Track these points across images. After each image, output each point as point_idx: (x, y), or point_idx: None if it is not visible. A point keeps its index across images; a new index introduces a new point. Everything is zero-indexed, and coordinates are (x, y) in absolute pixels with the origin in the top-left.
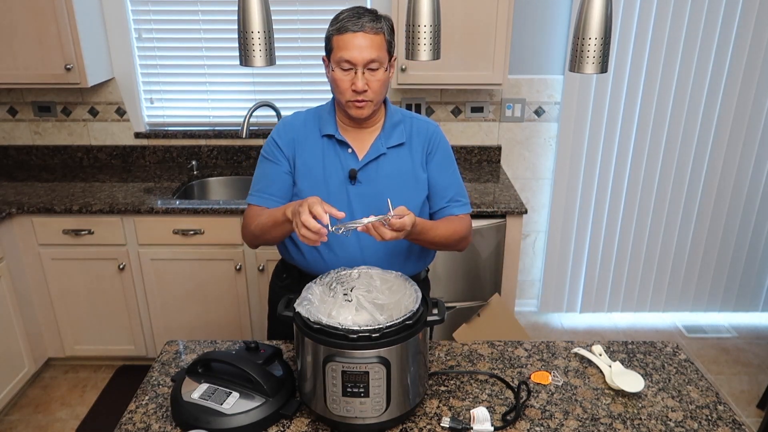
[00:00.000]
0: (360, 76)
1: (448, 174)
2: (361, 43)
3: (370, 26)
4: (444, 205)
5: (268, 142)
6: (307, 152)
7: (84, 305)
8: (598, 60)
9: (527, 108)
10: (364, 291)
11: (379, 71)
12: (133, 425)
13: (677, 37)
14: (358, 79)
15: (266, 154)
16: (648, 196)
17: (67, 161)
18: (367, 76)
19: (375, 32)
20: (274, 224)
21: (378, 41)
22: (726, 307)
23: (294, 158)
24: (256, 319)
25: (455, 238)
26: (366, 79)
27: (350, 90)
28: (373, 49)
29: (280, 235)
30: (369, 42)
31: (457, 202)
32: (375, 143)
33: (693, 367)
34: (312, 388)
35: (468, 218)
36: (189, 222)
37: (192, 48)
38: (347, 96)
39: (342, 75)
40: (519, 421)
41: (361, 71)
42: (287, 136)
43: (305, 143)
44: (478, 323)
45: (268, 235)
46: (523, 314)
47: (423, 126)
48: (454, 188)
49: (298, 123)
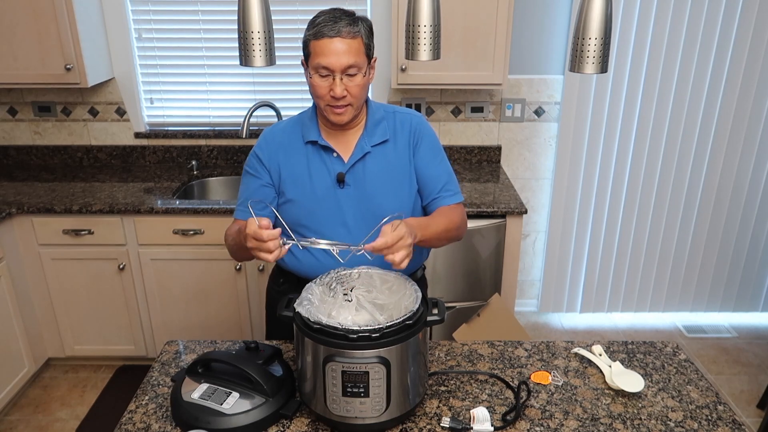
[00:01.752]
0: (338, 83)
1: (435, 164)
2: (338, 48)
3: (347, 30)
4: (435, 196)
5: (250, 156)
6: (292, 161)
7: (84, 305)
8: (598, 60)
9: (527, 108)
10: (364, 291)
11: (357, 76)
12: (133, 425)
13: (677, 37)
14: (336, 85)
15: (248, 168)
16: (648, 195)
17: (67, 161)
18: (345, 81)
19: (352, 36)
20: (240, 247)
21: (356, 45)
22: (726, 307)
23: (279, 169)
24: (256, 319)
25: (452, 229)
26: (344, 84)
27: (329, 96)
28: (351, 54)
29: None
30: (346, 47)
31: (447, 191)
32: (359, 143)
33: (693, 367)
34: (312, 388)
35: (461, 207)
36: (189, 222)
37: (192, 48)
38: (326, 101)
39: (320, 81)
40: (519, 421)
41: (339, 77)
42: (268, 149)
43: (289, 152)
44: (478, 323)
45: (238, 255)
46: (523, 314)
47: (406, 119)
48: (444, 178)
49: (280, 133)
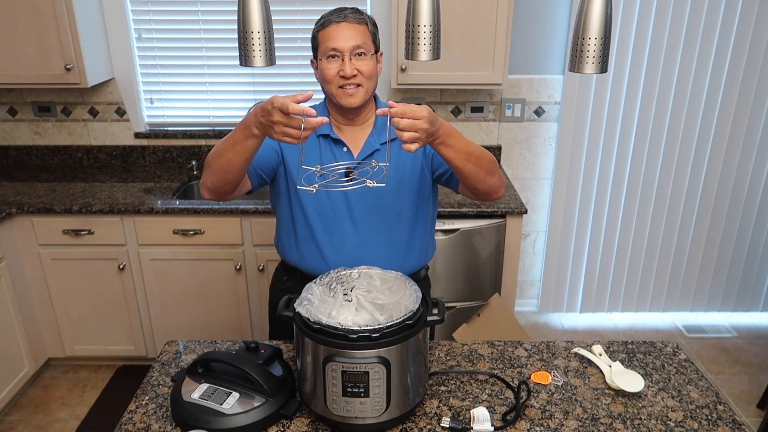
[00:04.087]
0: (348, 62)
1: None
2: (345, 31)
3: (353, 17)
4: None
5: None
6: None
7: (84, 305)
8: (598, 60)
9: (527, 108)
10: (364, 291)
11: (366, 57)
12: (133, 425)
13: (677, 37)
14: (346, 65)
15: None
16: (648, 195)
17: (67, 161)
18: (354, 62)
19: (358, 22)
20: (234, 143)
21: (362, 30)
22: (726, 307)
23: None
24: (256, 320)
25: (485, 160)
26: (354, 64)
27: (338, 77)
28: (358, 36)
29: (236, 157)
30: (353, 30)
31: None
32: (368, 140)
33: (693, 367)
34: (312, 388)
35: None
36: (189, 222)
37: (192, 48)
38: (336, 82)
39: (329, 64)
40: (519, 421)
41: (348, 57)
42: None
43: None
44: (478, 323)
45: (222, 157)
46: (523, 314)
47: None
48: None
49: None
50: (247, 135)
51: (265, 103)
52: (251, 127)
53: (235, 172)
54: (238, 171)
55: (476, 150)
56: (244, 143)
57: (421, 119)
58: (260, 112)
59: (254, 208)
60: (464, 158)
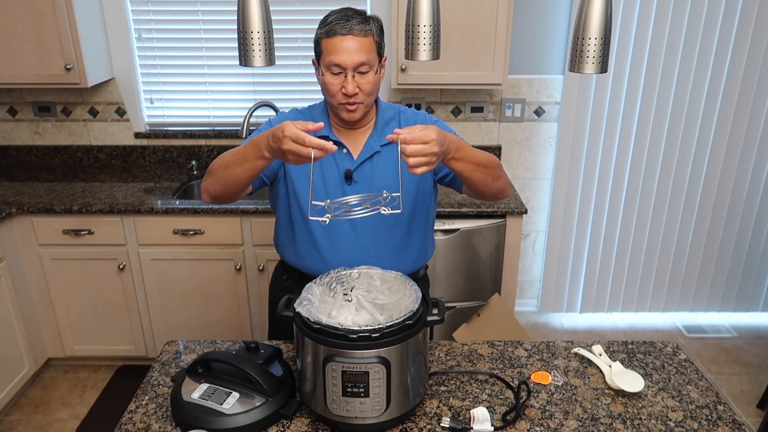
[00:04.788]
0: (350, 80)
1: None
2: (350, 46)
3: (358, 29)
4: None
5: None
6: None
7: (84, 305)
8: (598, 60)
9: (527, 108)
10: (364, 291)
11: (369, 74)
12: (133, 425)
13: (677, 37)
14: (348, 82)
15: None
16: (648, 195)
17: (67, 161)
18: (357, 79)
19: (364, 34)
20: (243, 160)
21: (367, 44)
22: (726, 307)
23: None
24: (256, 319)
25: (492, 166)
26: (356, 82)
27: (341, 93)
28: (363, 52)
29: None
30: (358, 45)
31: None
32: (368, 142)
33: (693, 367)
34: (312, 388)
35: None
36: (189, 222)
37: (192, 48)
38: (338, 99)
39: (332, 79)
40: (519, 421)
41: (351, 75)
42: None
43: None
44: (478, 323)
45: (229, 171)
46: (523, 314)
47: (411, 118)
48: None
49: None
50: (258, 156)
51: (276, 130)
52: (263, 150)
53: (240, 185)
54: (243, 185)
55: (484, 158)
56: (254, 162)
57: (430, 143)
58: (272, 138)
59: (254, 208)
60: (473, 169)
